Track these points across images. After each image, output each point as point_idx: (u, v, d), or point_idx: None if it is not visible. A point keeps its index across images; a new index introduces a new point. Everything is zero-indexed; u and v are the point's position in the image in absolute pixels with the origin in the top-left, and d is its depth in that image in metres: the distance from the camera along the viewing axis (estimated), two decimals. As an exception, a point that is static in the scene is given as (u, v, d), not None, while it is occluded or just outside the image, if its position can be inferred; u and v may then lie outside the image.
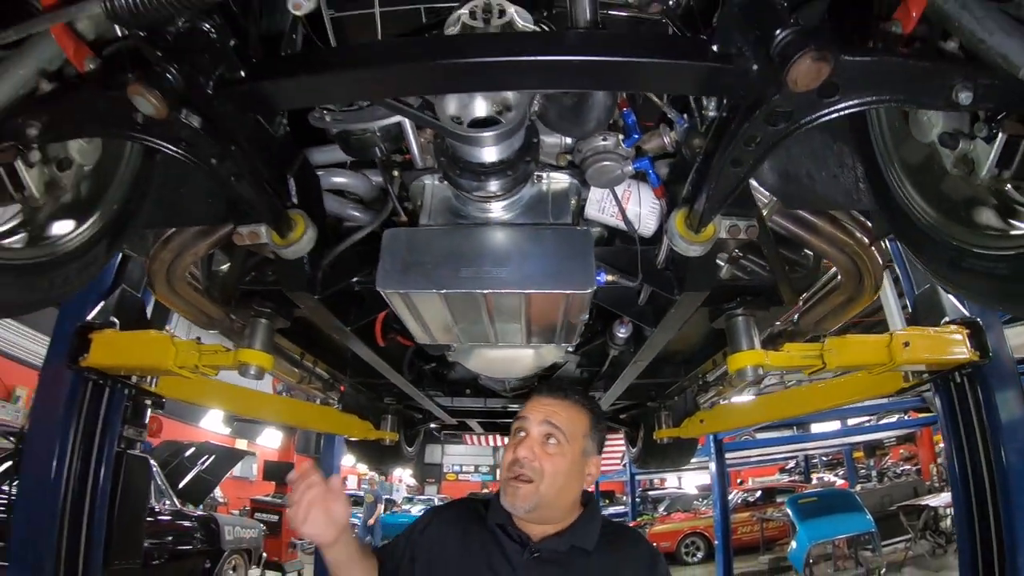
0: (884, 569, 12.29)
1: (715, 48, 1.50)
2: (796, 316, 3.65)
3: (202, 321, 3.43)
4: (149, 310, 4.41)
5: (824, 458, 26.20)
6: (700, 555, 17.59)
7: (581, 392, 2.03)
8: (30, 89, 1.80)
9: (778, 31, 1.36)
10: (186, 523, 10.03)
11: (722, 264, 2.75)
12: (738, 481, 25.92)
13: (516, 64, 1.50)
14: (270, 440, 27.62)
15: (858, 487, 18.89)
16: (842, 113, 1.54)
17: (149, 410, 4.92)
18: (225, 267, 3.13)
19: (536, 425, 1.93)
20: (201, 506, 11.81)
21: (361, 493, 28.24)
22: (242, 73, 1.60)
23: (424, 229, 2.12)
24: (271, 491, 19.28)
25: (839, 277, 2.96)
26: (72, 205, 2.13)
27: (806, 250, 2.89)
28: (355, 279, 2.43)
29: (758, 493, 19.51)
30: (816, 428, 19.57)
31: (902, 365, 3.77)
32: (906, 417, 18.08)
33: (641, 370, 3.64)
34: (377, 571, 2.06)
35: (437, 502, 29.98)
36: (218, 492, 17.19)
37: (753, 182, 2.22)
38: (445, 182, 2.13)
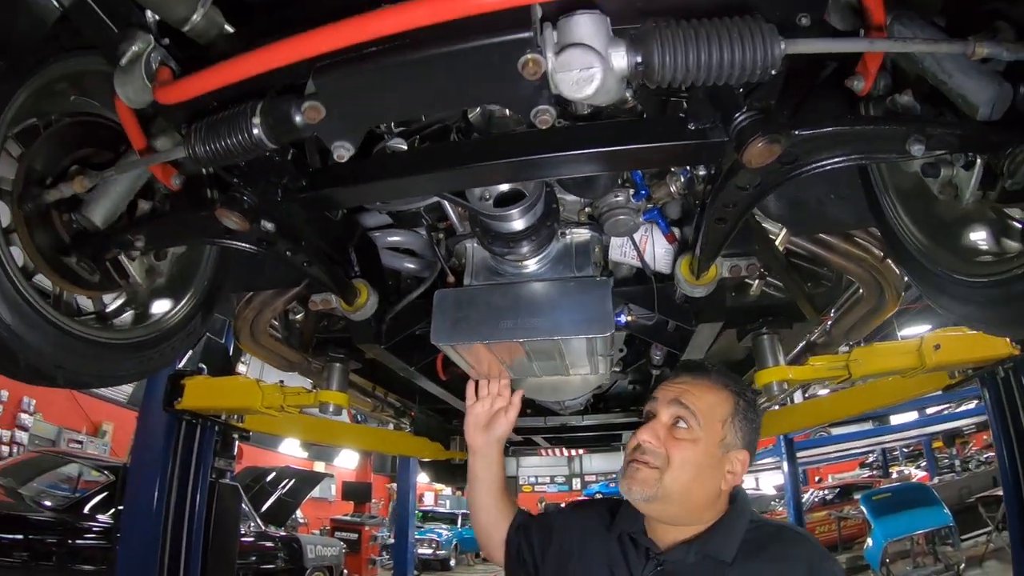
0: (964, 564, 11.75)
1: (691, 127, 1.64)
2: (828, 327, 3.75)
3: (283, 365, 3.79)
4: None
5: (905, 450, 25.06)
6: None
7: (727, 372, 1.80)
8: (128, 206, 2.23)
9: (736, 115, 1.53)
10: (270, 544, 10.66)
11: (752, 283, 2.83)
12: (816, 479, 25.31)
13: (538, 161, 1.71)
14: (347, 461, 28.08)
15: (935, 479, 18.16)
16: (805, 175, 1.71)
17: (237, 443, 5.41)
18: (300, 315, 3.54)
19: (665, 406, 1.72)
20: (283, 527, 12.30)
21: (439, 509, 28.70)
22: (303, 182, 1.91)
23: (468, 289, 2.43)
24: (350, 511, 19.72)
25: (861, 290, 3.05)
26: (170, 287, 2.52)
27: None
28: (416, 328, 2.76)
29: (835, 491, 18.86)
30: (896, 419, 18.35)
31: (935, 367, 3.88)
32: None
33: None
34: (509, 520, 2.09)
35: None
36: (299, 513, 17.73)
37: (762, 217, 2.43)
38: (481, 244, 2.43)
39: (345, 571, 13.82)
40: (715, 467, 1.67)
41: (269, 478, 12.27)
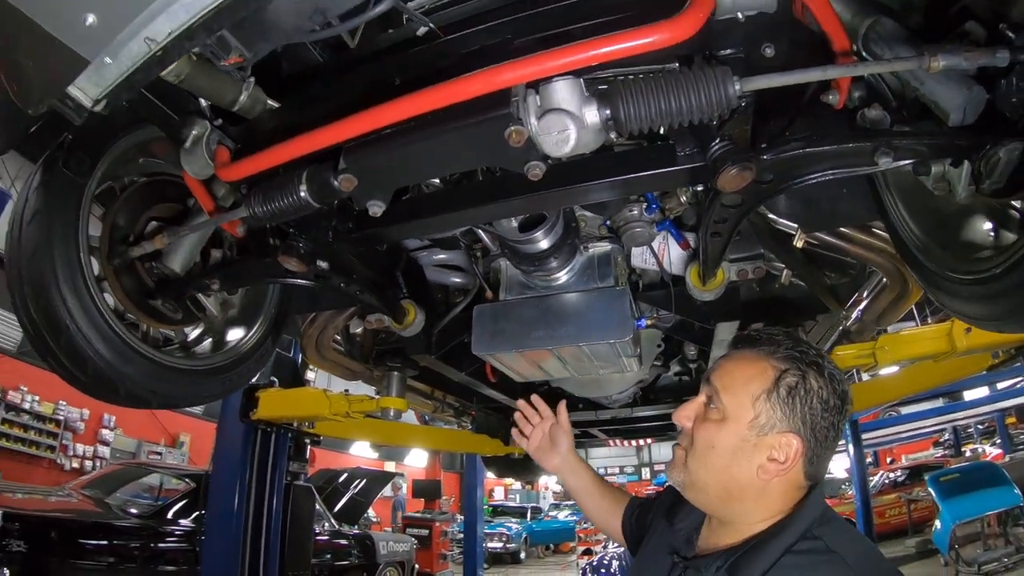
0: (1037, 546, 11.09)
1: (681, 153, 1.79)
2: (860, 314, 3.79)
3: (347, 375, 4.12)
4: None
5: (980, 427, 23.76)
6: None
7: (781, 341, 1.50)
8: (201, 252, 2.61)
9: (711, 144, 1.69)
10: (344, 542, 11.14)
11: (777, 273, 2.97)
12: (888, 460, 24.79)
13: (550, 195, 1.94)
14: (417, 460, 28.54)
15: (1007, 457, 17.14)
16: (785, 191, 1.91)
17: (309, 447, 5.81)
18: (360, 329, 3.87)
19: (703, 386, 1.57)
20: (356, 526, 12.73)
21: (509, 503, 28.93)
22: (350, 225, 2.24)
23: (502, 303, 2.71)
24: (420, 507, 20.12)
25: (884, 279, 3.10)
26: (242, 316, 2.91)
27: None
28: (462, 337, 3.03)
29: (906, 472, 18.27)
30: (969, 395, 18.02)
31: (968, 350, 3.83)
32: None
33: None
34: (622, 509, 2.09)
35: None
36: (372, 512, 18.19)
37: (777, 217, 2.48)
38: (512, 263, 2.69)
39: (416, 566, 14.23)
40: (747, 452, 1.43)
41: (341, 479, 12.64)
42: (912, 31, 1.59)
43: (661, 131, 1.65)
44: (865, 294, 3.52)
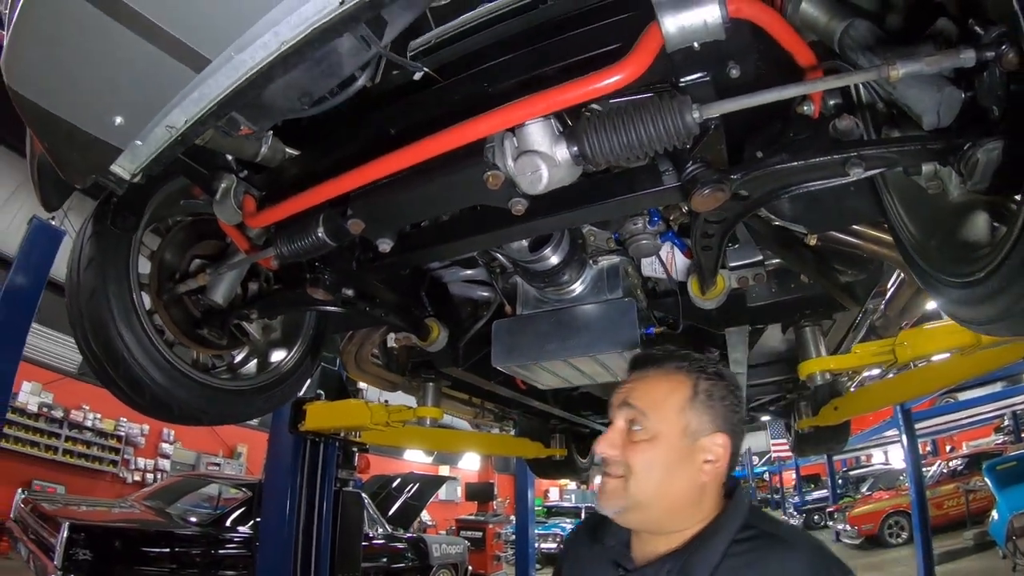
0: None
1: (665, 173, 1.85)
2: (883, 309, 3.84)
3: (387, 387, 4.38)
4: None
5: None
6: (904, 535, 16.44)
7: (679, 353, 1.62)
8: (241, 286, 2.87)
9: (685, 166, 1.76)
10: (398, 545, 11.48)
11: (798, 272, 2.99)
12: (948, 448, 24.10)
13: (546, 222, 2.08)
14: (470, 463, 28.88)
15: None
16: (763, 204, 1.99)
17: (356, 455, 6.04)
18: (396, 343, 4.08)
19: (617, 411, 1.59)
20: (410, 529, 12.96)
21: (564, 504, 28.89)
22: (371, 255, 2.45)
23: (519, 317, 2.85)
24: (474, 510, 20.28)
25: (902, 274, 3.16)
26: (283, 338, 3.18)
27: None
28: (487, 349, 3.16)
29: (964, 461, 17.73)
30: None
31: (995, 342, 3.54)
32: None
33: (744, 382, 3.97)
34: None
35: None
36: (427, 515, 18.38)
37: (783, 221, 2.41)
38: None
39: (470, 567, 14.53)
40: (686, 460, 1.51)
41: (395, 484, 13.01)
42: (889, 32, 1.60)
43: (629, 163, 1.78)
44: (889, 287, 3.57)
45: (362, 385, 6.36)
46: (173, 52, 1.50)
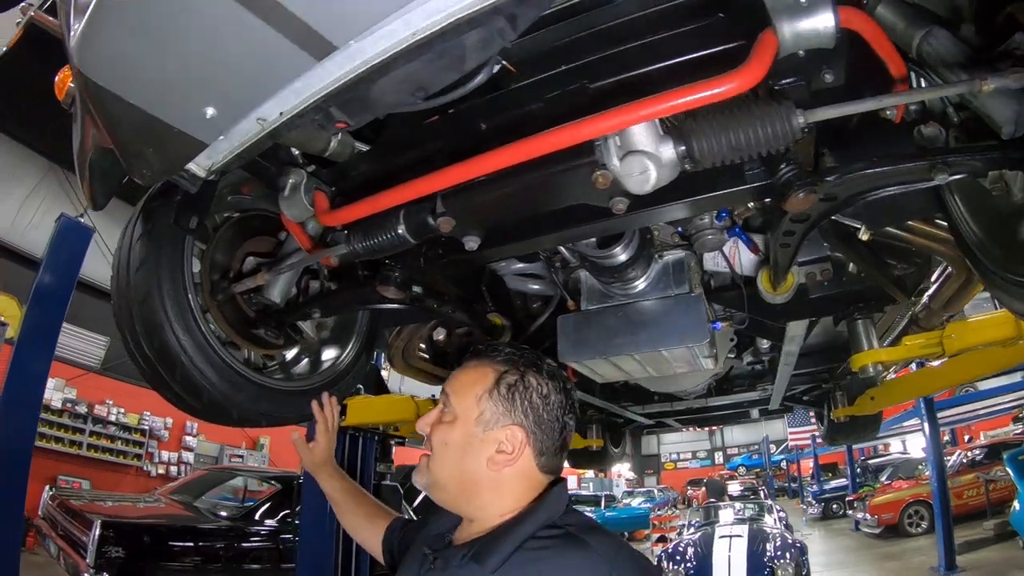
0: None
1: (748, 172, 1.86)
2: (927, 301, 3.75)
3: (432, 381, 4.34)
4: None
5: None
6: (924, 525, 16.38)
7: (501, 349, 1.69)
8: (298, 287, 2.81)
9: (779, 167, 1.77)
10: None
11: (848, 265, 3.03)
12: (966, 438, 23.94)
13: (627, 219, 2.03)
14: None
15: None
16: (848, 206, 1.95)
17: (394, 449, 6.05)
18: (442, 336, 4.07)
19: (441, 396, 1.73)
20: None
21: (582, 492, 28.93)
22: (440, 251, 2.42)
23: (584, 312, 2.83)
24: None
25: (949, 267, 3.16)
26: (336, 336, 3.11)
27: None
28: (545, 344, 3.16)
29: (984, 451, 17.59)
30: None
31: None
32: None
33: (791, 372, 4.09)
34: (384, 526, 2.10)
35: (656, 495, 29.95)
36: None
37: (841, 217, 2.44)
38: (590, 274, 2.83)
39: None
40: (475, 446, 1.57)
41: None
42: (963, 41, 1.61)
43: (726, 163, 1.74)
44: (932, 281, 3.51)
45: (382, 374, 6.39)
46: (295, 36, 1.37)
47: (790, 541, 11.73)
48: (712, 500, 18.98)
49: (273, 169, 2.23)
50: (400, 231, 2.08)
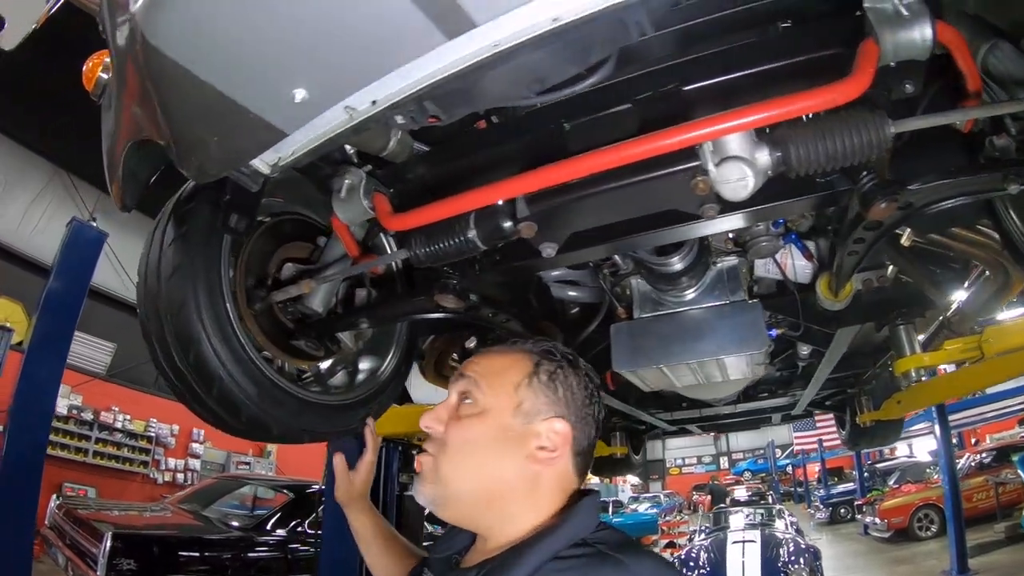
0: None
1: (819, 180, 1.85)
2: (961, 306, 3.88)
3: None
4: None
5: None
6: (934, 528, 16.39)
7: (532, 340, 1.49)
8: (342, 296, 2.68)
9: (860, 177, 1.77)
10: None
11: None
12: (972, 441, 24.03)
13: (695, 227, 2.00)
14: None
15: None
16: (921, 214, 1.95)
17: (416, 458, 5.99)
18: (472, 344, 4.00)
19: (452, 385, 1.46)
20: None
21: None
22: (497, 257, 2.32)
23: (639, 321, 2.78)
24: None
25: (986, 271, 3.13)
26: (374, 346, 2.94)
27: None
28: (591, 353, 3.12)
29: (992, 454, 17.64)
30: None
31: None
32: None
33: (826, 377, 4.05)
34: (409, 568, 1.79)
35: (662, 499, 29.88)
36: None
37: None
38: (644, 281, 2.78)
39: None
40: (513, 441, 1.33)
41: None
42: None
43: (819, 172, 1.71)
44: (966, 285, 3.50)
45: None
46: (432, 8, 1.21)
47: (803, 546, 11.68)
48: (722, 505, 18.96)
49: (326, 169, 2.10)
50: (471, 236, 1.96)
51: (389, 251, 2.51)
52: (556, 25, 1.25)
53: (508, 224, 1.94)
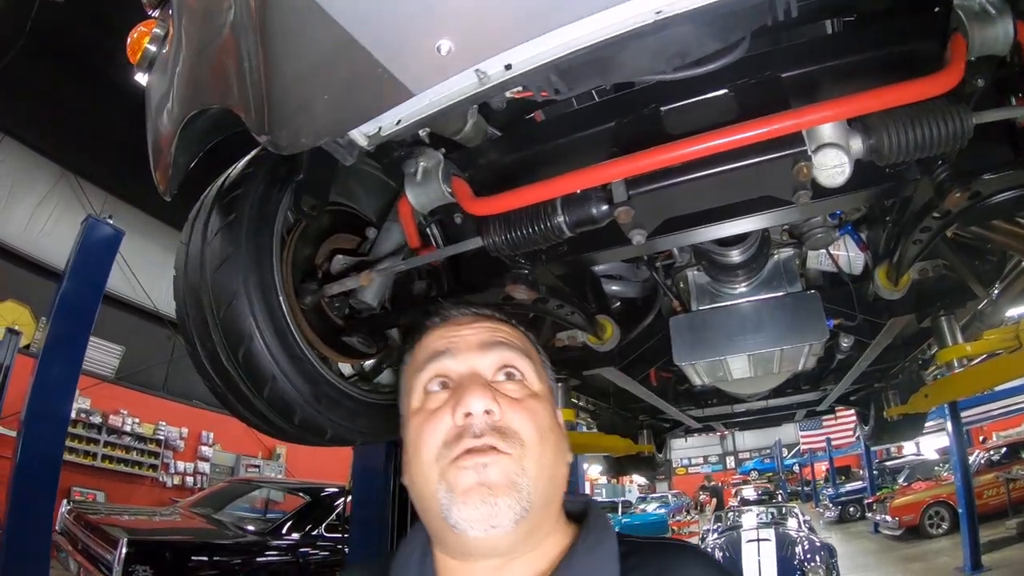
0: None
1: (887, 170, 1.83)
2: (995, 297, 3.88)
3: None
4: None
5: None
6: (945, 526, 16.37)
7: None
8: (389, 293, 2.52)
9: (935, 167, 1.79)
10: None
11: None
12: (980, 439, 24.00)
13: (776, 213, 1.96)
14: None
15: None
16: (987, 204, 1.93)
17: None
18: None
19: (478, 352, 1.08)
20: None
21: (597, 499, 28.97)
22: (564, 247, 2.19)
23: (698, 313, 2.76)
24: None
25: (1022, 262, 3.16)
26: None
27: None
28: (644, 347, 3.10)
29: (1002, 450, 17.54)
30: None
31: None
32: None
33: (862, 370, 4.05)
34: None
35: (670, 499, 29.81)
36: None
37: None
38: (702, 271, 2.76)
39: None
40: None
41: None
42: None
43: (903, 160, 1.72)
44: (1000, 277, 3.50)
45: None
46: None
47: (818, 544, 11.63)
48: (734, 505, 18.92)
49: (400, 151, 1.99)
50: (558, 221, 1.87)
51: (436, 245, 2.40)
52: None
53: (604, 208, 1.84)
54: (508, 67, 1.31)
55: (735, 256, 2.46)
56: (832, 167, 1.66)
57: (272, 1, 1.28)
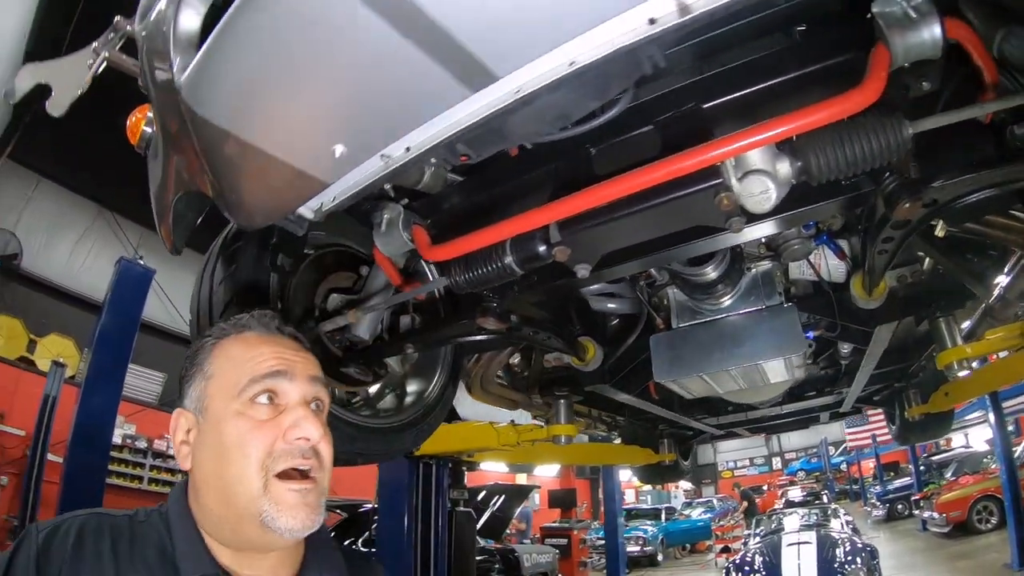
0: None
1: (843, 183, 1.80)
2: (1003, 292, 3.86)
3: (509, 406, 4.30)
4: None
5: None
6: (994, 520, 15.71)
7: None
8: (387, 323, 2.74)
9: (883, 178, 1.80)
10: (489, 557, 11.45)
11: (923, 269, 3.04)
12: None
13: (725, 238, 2.01)
14: (546, 471, 28.74)
15: None
16: (947, 209, 1.92)
17: (466, 474, 6.09)
18: (517, 359, 4.07)
19: (307, 385, 1.27)
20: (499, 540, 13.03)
21: (642, 506, 28.67)
22: (535, 278, 2.30)
23: (677, 331, 2.84)
24: (557, 517, 20.32)
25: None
26: (421, 369, 3.03)
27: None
28: (633, 364, 3.18)
29: None
30: None
31: None
32: None
33: (869, 374, 4.02)
34: None
35: (715, 503, 29.44)
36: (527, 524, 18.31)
37: None
38: (681, 291, 2.82)
39: (560, 575, 14.46)
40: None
41: (480, 496, 12.88)
42: None
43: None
44: (1006, 271, 3.39)
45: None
46: (456, 67, 1.29)
47: (860, 545, 11.45)
48: (775, 508, 18.66)
49: (366, 205, 2.18)
50: (507, 262, 2.01)
51: (431, 278, 2.55)
52: (573, 68, 1.30)
53: (543, 249, 1.98)
54: (408, 149, 1.53)
55: (707, 274, 2.51)
56: (758, 194, 1.69)
57: (200, 132, 1.53)
